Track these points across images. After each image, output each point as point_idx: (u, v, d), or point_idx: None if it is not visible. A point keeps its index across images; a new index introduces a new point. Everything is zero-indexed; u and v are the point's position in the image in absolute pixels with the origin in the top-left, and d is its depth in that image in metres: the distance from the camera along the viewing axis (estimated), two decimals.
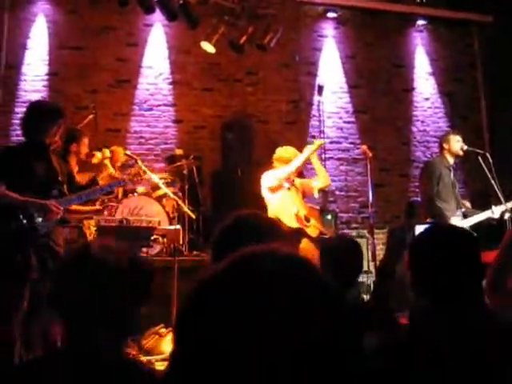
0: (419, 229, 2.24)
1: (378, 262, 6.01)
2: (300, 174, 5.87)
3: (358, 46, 9.07)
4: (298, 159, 5.54)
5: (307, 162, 5.67)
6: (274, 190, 5.50)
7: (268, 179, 5.54)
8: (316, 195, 5.85)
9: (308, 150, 5.60)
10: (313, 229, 5.51)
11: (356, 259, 3.18)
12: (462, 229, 2.39)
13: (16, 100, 7.69)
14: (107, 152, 6.35)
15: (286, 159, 5.62)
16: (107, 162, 6.30)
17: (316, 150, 5.68)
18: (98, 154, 6.23)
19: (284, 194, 5.52)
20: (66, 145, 5.54)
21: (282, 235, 1.96)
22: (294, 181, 5.68)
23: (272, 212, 5.41)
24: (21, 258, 3.91)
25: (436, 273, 1.98)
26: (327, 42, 9.00)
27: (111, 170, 6.32)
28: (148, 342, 5.37)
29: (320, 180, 5.79)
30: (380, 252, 6.79)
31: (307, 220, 5.49)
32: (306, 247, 5.26)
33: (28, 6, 7.87)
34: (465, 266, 1.99)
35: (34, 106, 4.44)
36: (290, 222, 5.38)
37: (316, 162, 5.78)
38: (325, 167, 7.09)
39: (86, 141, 5.82)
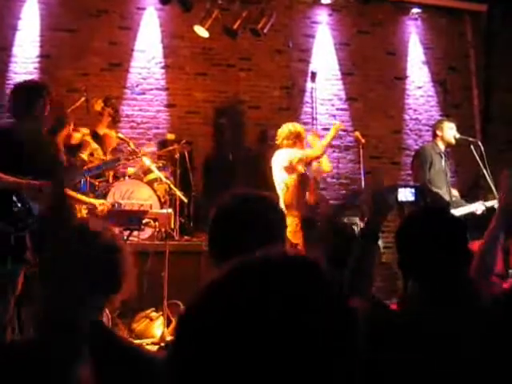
0: (402, 191, 2.26)
1: None
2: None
3: (351, 33, 9.03)
4: (322, 146, 5.61)
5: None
6: (291, 169, 5.51)
7: (285, 157, 5.53)
8: (318, 179, 5.92)
9: (329, 136, 5.68)
10: (321, 216, 5.54)
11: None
12: (449, 213, 2.41)
13: (6, 82, 7.58)
14: (84, 129, 6.33)
15: (296, 133, 5.66)
16: (87, 138, 6.27)
17: (335, 134, 5.76)
18: (77, 134, 6.21)
19: (304, 177, 5.53)
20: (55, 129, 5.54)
21: (279, 215, 1.94)
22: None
23: (284, 199, 5.42)
24: (15, 240, 3.90)
25: (424, 256, 1.99)
26: (321, 28, 8.95)
27: (94, 145, 6.28)
28: (138, 325, 5.38)
29: (323, 165, 5.88)
30: None
31: (317, 207, 5.51)
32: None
33: None
34: (453, 251, 2.00)
35: (17, 85, 4.44)
36: (304, 210, 5.39)
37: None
38: None
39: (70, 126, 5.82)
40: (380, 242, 2.66)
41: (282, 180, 5.58)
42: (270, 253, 0.85)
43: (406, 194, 2.32)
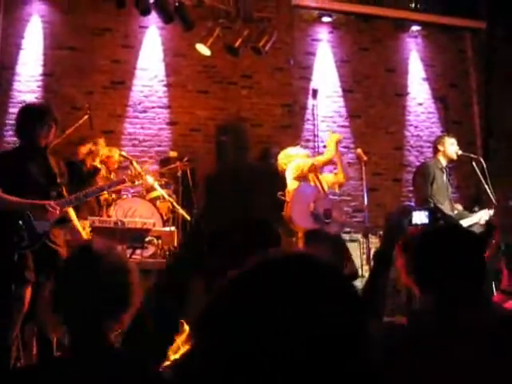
0: (416, 214, 2.28)
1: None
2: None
3: (352, 50, 9.11)
4: (329, 151, 5.65)
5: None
6: (302, 178, 5.57)
7: (294, 166, 5.61)
8: (337, 190, 5.93)
9: (330, 145, 5.73)
10: (334, 225, 5.53)
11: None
12: (465, 229, 2.42)
13: (10, 100, 7.65)
14: (89, 144, 6.40)
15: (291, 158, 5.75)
16: (94, 147, 6.34)
17: (335, 144, 5.77)
18: (83, 149, 6.30)
19: (301, 189, 5.55)
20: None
21: (268, 236, 1.97)
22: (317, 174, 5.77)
23: (287, 210, 5.45)
24: (17, 259, 3.91)
25: (441, 271, 2.00)
26: (321, 46, 9.03)
27: (104, 150, 6.37)
28: None
29: (340, 175, 5.90)
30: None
31: (327, 216, 5.49)
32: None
33: (23, 6, 7.84)
34: (470, 265, 2.01)
35: (22, 110, 4.46)
36: (306, 222, 5.38)
37: (338, 157, 5.90)
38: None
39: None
40: None
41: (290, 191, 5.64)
42: (291, 252, 0.88)
43: (420, 217, 2.35)
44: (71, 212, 4.41)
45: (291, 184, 5.66)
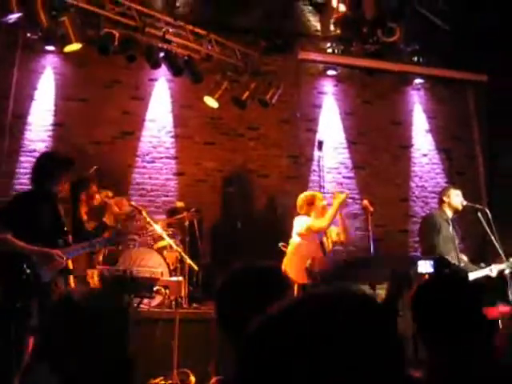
0: (421, 264, 2.32)
1: None
2: None
3: (356, 103, 9.27)
4: (327, 218, 5.69)
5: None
6: (303, 236, 5.63)
7: (299, 224, 5.66)
8: (330, 246, 5.96)
9: (333, 207, 5.78)
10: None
11: None
12: (465, 278, 2.45)
13: (21, 149, 7.79)
14: (109, 192, 6.44)
15: (307, 200, 5.82)
16: (109, 201, 6.37)
17: (341, 203, 5.82)
18: (98, 196, 6.33)
19: (299, 244, 5.60)
20: (76, 193, 5.68)
21: (284, 285, 2.00)
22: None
23: (285, 263, 5.49)
24: (22, 306, 3.92)
25: (439, 321, 2.03)
26: (327, 98, 9.20)
27: (115, 208, 6.38)
28: None
29: (340, 234, 5.95)
30: None
31: (322, 276, 5.51)
32: None
33: (37, 59, 8.06)
34: (468, 316, 2.04)
35: (47, 156, 4.54)
36: (298, 276, 5.40)
37: (340, 219, 5.95)
38: None
39: (94, 188, 5.96)
40: None
41: (291, 245, 5.70)
42: (346, 289, 0.90)
43: (425, 267, 2.39)
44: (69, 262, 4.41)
45: (294, 237, 5.72)
